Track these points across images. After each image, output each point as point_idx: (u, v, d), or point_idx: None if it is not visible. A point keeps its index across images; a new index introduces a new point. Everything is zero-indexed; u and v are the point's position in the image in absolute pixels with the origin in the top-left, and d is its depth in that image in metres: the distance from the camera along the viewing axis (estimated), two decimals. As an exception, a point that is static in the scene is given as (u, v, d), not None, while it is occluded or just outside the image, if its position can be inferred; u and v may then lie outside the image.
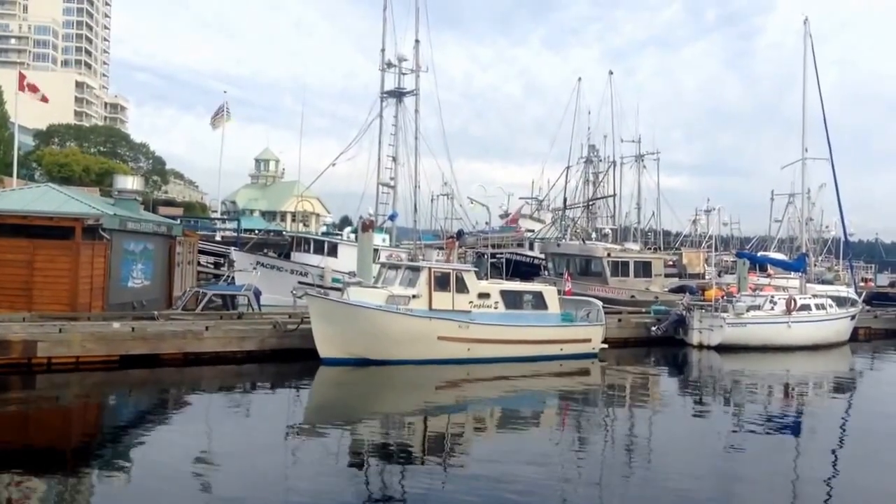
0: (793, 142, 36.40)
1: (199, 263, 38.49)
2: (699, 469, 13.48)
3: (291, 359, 21.40)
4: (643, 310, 32.33)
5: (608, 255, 38.83)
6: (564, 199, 54.62)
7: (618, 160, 56.65)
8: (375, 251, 31.69)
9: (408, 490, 11.50)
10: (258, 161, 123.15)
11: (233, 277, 32.03)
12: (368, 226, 29.29)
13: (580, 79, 58.68)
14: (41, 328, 19.43)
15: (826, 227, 69.46)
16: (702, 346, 28.91)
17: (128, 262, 24.72)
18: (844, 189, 42.84)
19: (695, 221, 74.11)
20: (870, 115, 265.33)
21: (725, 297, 30.63)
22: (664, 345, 29.06)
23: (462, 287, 22.91)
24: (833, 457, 15.04)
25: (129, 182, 29.18)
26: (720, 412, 19.83)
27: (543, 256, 44.43)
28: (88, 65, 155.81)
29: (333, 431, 15.55)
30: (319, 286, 25.12)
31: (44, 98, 38.84)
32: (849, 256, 46.09)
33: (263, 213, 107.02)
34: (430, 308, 22.25)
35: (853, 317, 33.67)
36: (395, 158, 39.16)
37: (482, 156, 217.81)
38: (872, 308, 39.83)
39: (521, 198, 69.15)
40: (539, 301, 24.54)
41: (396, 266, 24.12)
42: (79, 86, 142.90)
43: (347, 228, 45.24)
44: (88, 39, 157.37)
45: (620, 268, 38.71)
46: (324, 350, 21.18)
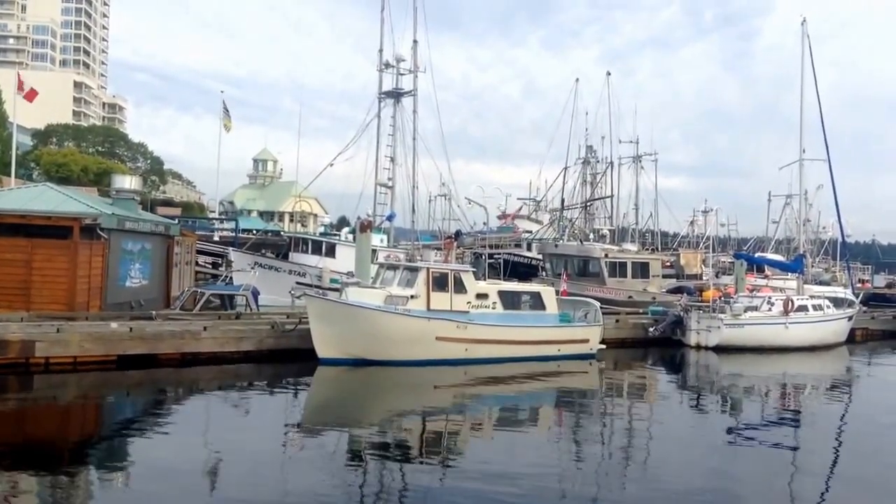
0: (791, 143, 36.37)
1: (198, 263, 38.49)
2: (697, 469, 13.53)
3: (289, 359, 21.41)
4: (641, 310, 32.37)
5: (606, 256, 38.87)
6: (562, 200, 54.73)
7: (615, 161, 56.66)
8: (373, 252, 31.69)
9: (406, 490, 11.52)
10: (256, 161, 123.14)
11: (231, 277, 32.00)
12: (366, 226, 29.30)
13: (578, 80, 58.48)
14: (39, 328, 19.41)
15: (823, 228, 69.64)
16: (699, 347, 28.97)
17: (126, 262, 24.69)
18: (842, 190, 43.05)
19: (692, 222, 74.18)
20: (869, 117, 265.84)
21: (723, 298, 30.73)
22: (662, 345, 29.12)
23: (460, 287, 22.93)
24: (830, 458, 15.08)
25: (127, 182, 29.13)
26: (717, 413, 19.90)
27: (541, 257, 44.45)
28: (87, 65, 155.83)
29: (331, 432, 15.57)
30: (317, 286, 25.15)
31: (29, 94, 37.13)
32: (846, 257, 46.11)
33: (261, 214, 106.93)
34: (429, 308, 22.26)
35: (850, 318, 33.73)
36: (393, 159, 39.11)
37: (480, 156, 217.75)
38: (869, 309, 39.92)
39: (519, 198, 69.09)
40: (537, 302, 24.58)
41: (394, 266, 24.12)
42: (77, 86, 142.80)
43: (345, 229, 45.26)
44: (87, 39, 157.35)
45: (618, 268, 38.75)
46: (322, 350, 21.19)
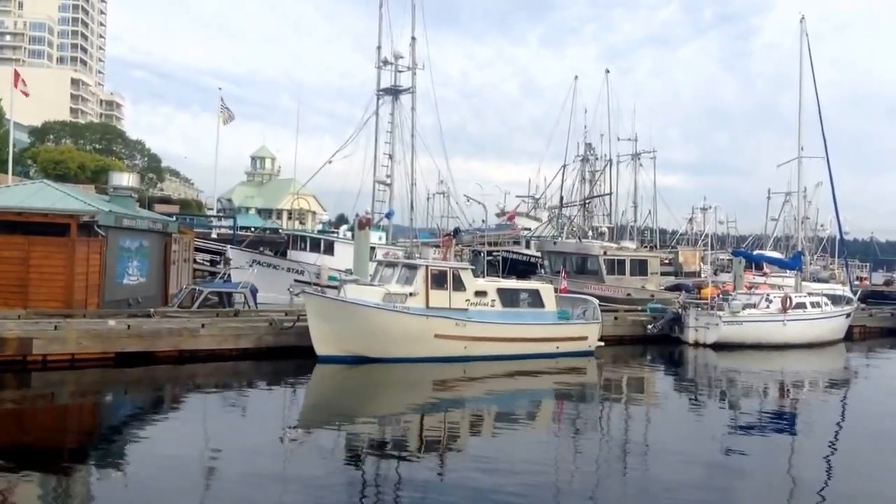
0: (789, 141, 36.38)
1: (195, 261, 38.43)
2: (695, 467, 13.50)
3: (288, 356, 21.39)
4: (639, 308, 32.40)
5: (604, 254, 38.91)
6: (561, 198, 54.75)
7: (614, 159, 56.54)
8: (372, 249, 31.66)
9: (405, 487, 11.48)
10: (254, 159, 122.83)
11: (229, 275, 31.97)
12: (365, 224, 29.29)
13: (577, 77, 58.27)
14: (36, 325, 19.36)
15: (822, 226, 69.78)
16: (698, 344, 28.99)
17: (123, 259, 24.64)
18: (840, 188, 42.98)
19: (691, 220, 74.27)
20: (867, 115, 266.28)
21: (721, 296, 30.74)
22: (660, 343, 29.15)
23: (459, 285, 22.90)
24: (828, 454, 15.06)
25: (125, 179, 29.09)
26: (716, 410, 19.91)
27: (540, 255, 44.45)
28: (84, 62, 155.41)
29: (330, 429, 15.55)
30: (316, 284, 25.10)
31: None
32: (844, 255, 46.26)
33: (259, 211, 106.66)
34: (427, 306, 22.23)
35: (848, 315, 33.78)
36: (392, 156, 39.07)
37: (479, 154, 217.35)
38: (867, 306, 39.96)
39: (518, 196, 69.09)
40: (536, 299, 24.55)
41: (393, 264, 24.09)
42: (74, 83, 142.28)
43: (344, 226, 45.29)
44: (84, 36, 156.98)
45: (617, 266, 38.80)
46: (320, 348, 21.16)
